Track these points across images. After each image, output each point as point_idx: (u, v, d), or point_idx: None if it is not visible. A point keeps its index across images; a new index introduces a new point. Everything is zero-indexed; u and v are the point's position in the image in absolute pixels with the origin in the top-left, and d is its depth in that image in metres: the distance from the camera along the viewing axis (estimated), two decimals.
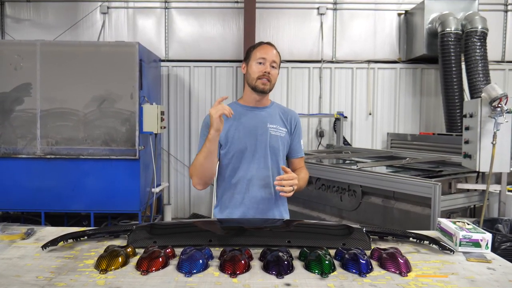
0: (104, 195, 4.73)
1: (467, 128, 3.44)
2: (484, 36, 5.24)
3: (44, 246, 1.48)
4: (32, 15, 6.21)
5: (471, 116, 3.38)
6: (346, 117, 6.18)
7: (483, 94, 3.23)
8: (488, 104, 3.19)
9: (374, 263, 1.37)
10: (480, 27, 5.19)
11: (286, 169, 1.82)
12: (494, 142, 3.16)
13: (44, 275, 1.26)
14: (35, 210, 4.84)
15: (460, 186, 3.43)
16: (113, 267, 1.30)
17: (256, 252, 1.45)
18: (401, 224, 3.37)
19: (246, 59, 2.01)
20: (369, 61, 6.23)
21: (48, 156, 4.68)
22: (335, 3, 6.23)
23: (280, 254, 1.34)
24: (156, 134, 4.91)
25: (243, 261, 1.31)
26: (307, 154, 5.13)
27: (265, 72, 1.91)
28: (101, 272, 1.27)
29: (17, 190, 4.71)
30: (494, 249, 1.82)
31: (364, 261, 1.31)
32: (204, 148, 1.82)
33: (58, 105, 4.68)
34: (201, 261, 1.31)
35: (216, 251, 1.45)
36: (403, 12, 6.18)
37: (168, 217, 5.81)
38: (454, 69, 5.28)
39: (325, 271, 1.28)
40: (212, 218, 2.09)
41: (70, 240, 1.57)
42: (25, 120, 4.67)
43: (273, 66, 1.94)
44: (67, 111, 4.69)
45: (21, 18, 6.23)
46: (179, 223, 2.11)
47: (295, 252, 1.44)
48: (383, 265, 1.34)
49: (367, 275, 1.28)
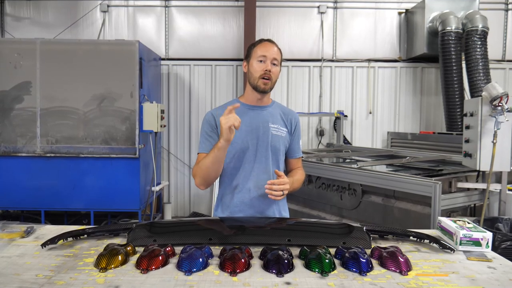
0: (104, 194, 4.73)
1: (468, 127, 3.43)
2: (485, 35, 5.23)
3: (44, 245, 1.47)
4: (32, 13, 6.20)
5: (472, 115, 3.37)
6: (346, 116, 6.18)
7: (484, 93, 3.22)
8: (489, 103, 3.19)
9: (375, 262, 1.37)
10: (481, 26, 5.18)
11: (279, 173, 1.83)
12: (495, 141, 3.15)
13: (44, 274, 1.26)
14: (35, 209, 4.84)
15: (461, 185, 3.42)
16: (113, 266, 1.30)
17: (256, 251, 1.45)
18: (402, 223, 3.37)
19: (247, 57, 2.00)
20: (370, 60, 6.22)
21: (48, 155, 4.68)
22: (336, 2, 6.22)
23: (280, 253, 1.33)
24: (156, 133, 4.91)
25: (243, 260, 1.30)
26: (308, 153, 5.13)
27: (266, 71, 1.90)
28: (101, 271, 1.27)
29: (17, 189, 4.70)
30: (495, 248, 1.82)
31: (365, 260, 1.31)
32: (212, 154, 1.80)
33: (58, 104, 4.68)
34: (201, 260, 1.31)
35: (216, 250, 1.45)
36: (404, 11, 6.17)
37: (168, 216, 5.81)
38: (455, 68, 5.27)
39: (325, 270, 1.28)
40: (212, 217, 2.09)
41: (70, 239, 1.58)
42: (25, 119, 4.66)
43: (274, 64, 1.93)
44: (67, 110, 4.68)
45: (21, 16, 6.22)
46: (179, 222, 2.11)
47: (295, 251, 1.44)
48: (384, 264, 1.34)
49: (368, 274, 1.28)
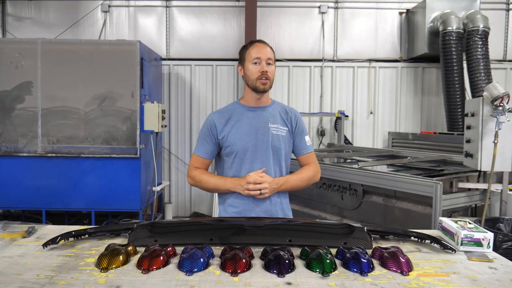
0: (105, 194, 4.73)
1: (469, 127, 3.43)
2: (486, 35, 5.23)
3: (45, 245, 1.48)
4: (33, 14, 6.21)
5: (473, 115, 3.37)
6: (347, 116, 6.18)
7: (485, 93, 3.22)
8: (490, 103, 3.19)
9: (376, 262, 1.37)
10: (482, 26, 5.18)
11: (261, 174, 1.91)
12: (496, 141, 3.15)
13: (45, 273, 1.26)
14: (36, 209, 4.84)
15: (462, 185, 3.42)
16: (114, 266, 1.30)
17: (257, 251, 1.45)
18: (402, 223, 3.37)
19: (241, 61, 2.02)
20: (370, 60, 6.21)
21: (49, 155, 4.68)
22: (337, 2, 6.22)
23: (281, 253, 1.33)
24: (157, 133, 4.90)
25: (244, 260, 1.30)
26: None
27: (263, 72, 1.92)
28: (102, 271, 1.27)
29: (18, 189, 4.71)
30: (496, 249, 1.81)
31: (366, 260, 1.31)
32: (218, 183, 1.97)
33: (59, 104, 4.68)
34: (202, 260, 1.31)
35: (217, 250, 1.45)
36: (405, 11, 6.17)
37: (169, 216, 5.81)
38: (456, 68, 5.27)
39: (326, 270, 1.28)
40: (213, 217, 2.10)
41: (71, 239, 1.58)
42: (26, 119, 4.67)
43: (269, 63, 1.95)
44: (68, 110, 4.69)
45: (23, 17, 6.23)
46: (180, 222, 2.10)
47: (296, 251, 1.44)
48: (385, 264, 1.34)
49: (369, 274, 1.28)
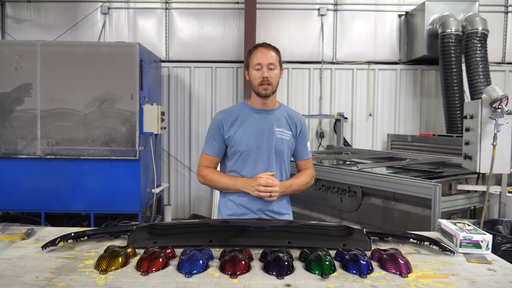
0: (104, 196, 4.73)
1: (468, 129, 3.43)
2: (485, 38, 5.24)
3: (44, 247, 1.48)
4: (33, 16, 6.21)
5: (472, 117, 3.38)
6: (347, 118, 6.18)
7: (484, 96, 3.23)
8: (489, 106, 3.19)
9: (375, 264, 1.37)
10: (481, 29, 5.19)
11: (270, 177, 1.94)
12: (495, 144, 3.15)
13: (44, 275, 1.26)
14: (35, 211, 4.83)
15: (461, 187, 3.42)
16: (113, 268, 1.30)
17: (257, 253, 1.45)
18: (402, 225, 3.37)
19: (246, 66, 2.06)
20: (370, 62, 6.23)
21: (48, 157, 4.68)
22: (336, 4, 6.23)
23: (281, 255, 1.33)
24: (157, 135, 4.90)
25: (243, 262, 1.31)
26: None
27: (264, 77, 1.95)
28: (101, 273, 1.27)
29: (17, 191, 4.70)
30: (495, 250, 1.82)
31: (365, 262, 1.31)
32: (229, 183, 1.99)
33: (59, 106, 4.68)
34: (201, 262, 1.31)
35: (216, 252, 1.45)
36: (404, 13, 6.18)
37: (168, 218, 5.81)
38: (455, 70, 5.27)
39: (326, 272, 1.28)
40: (212, 219, 2.10)
41: (70, 241, 1.58)
42: (26, 121, 4.67)
43: (271, 68, 1.97)
44: (68, 112, 4.69)
45: (22, 19, 6.23)
46: (179, 224, 2.11)
47: (296, 253, 1.45)
48: (384, 266, 1.34)
49: (368, 276, 1.28)
